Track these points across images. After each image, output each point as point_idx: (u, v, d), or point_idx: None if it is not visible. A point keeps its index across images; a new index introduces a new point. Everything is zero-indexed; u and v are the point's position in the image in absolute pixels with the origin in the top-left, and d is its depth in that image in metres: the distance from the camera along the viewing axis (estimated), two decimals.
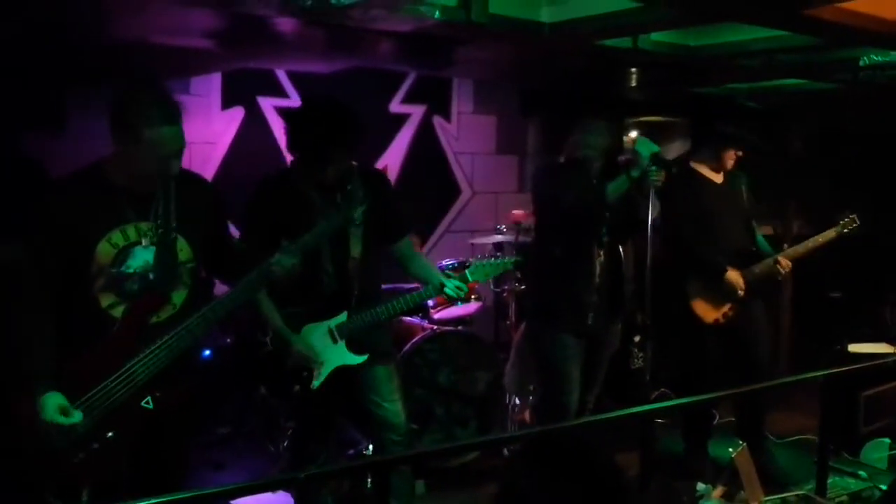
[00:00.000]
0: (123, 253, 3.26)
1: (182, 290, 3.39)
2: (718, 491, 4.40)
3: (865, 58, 5.81)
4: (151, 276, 3.30)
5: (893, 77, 6.31)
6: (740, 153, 5.35)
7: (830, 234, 5.44)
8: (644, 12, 4.38)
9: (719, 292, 5.27)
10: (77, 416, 3.09)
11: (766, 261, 5.38)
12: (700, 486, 4.52)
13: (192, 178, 3.56)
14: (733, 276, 5.22)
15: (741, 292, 5.22)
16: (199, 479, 5.19)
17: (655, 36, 5.17)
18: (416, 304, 4.15)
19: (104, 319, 3.25)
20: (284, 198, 4.02)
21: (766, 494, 4.42)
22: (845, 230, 5.44)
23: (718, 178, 5.40)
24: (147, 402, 3.25)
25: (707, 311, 5.30)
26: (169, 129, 3.16)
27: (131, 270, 3.27)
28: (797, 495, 4.48)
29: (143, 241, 3.29)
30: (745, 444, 4.39)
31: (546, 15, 4.77)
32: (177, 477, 3.54)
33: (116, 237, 3.25)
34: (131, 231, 3.27)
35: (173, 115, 3.18)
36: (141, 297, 3.29)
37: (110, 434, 3.19)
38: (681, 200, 5.28)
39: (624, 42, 5.08)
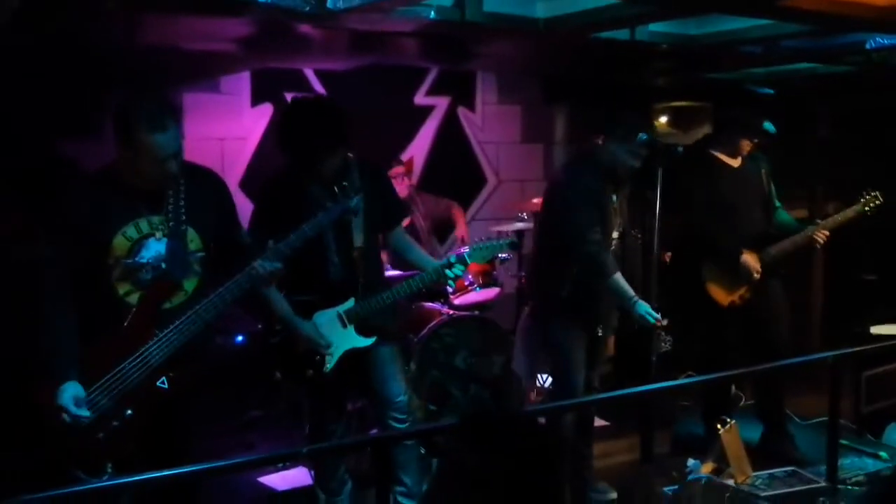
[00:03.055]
0: (137, 245, 3.52)
1: (193, 279, 3.64)
2: (708, 467, 4.52)
3: (871, 41, 5.84)
4: (163, 265, 3.55)
5: None
6: (755, 140, 5.38)
7: (850, 212, 5.43)
8: (630, 6, 4.51)
9: (734, 276, 5.32)
10: (84, 412, 3.35)
11: (791, 238, 5.40)
12: (690, 461, 4.64)
13: (202, 172, 3.80)
14: (749, 259, 5.27)
15: (756, 275, 5.27)
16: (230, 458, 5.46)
17: (654, 26, 5.28)
18: (418, 288, 4.32)
19: (121, 307, 3.52)
20: (286, 194, 4.23)
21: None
22: (867, 208, 5.42)
23: (735, 163, 5.43)
24: (162, 383, 3.50)
25: (723, 295, 5.37)
26: (161, 136, 3.39)
27: (145, 261, 3.53)
28: (785, 471, 4.61)
29: (157, 234, 3.55)
30: (733, 422, 4.52)
31: (541, 10, 4.92)
32: (184, 449, 3.74)
33: (130, 231, 3.52)
34: (144, 224, 3.54)
35: (164, 123, 3.41)
36: (154, 284, 3.55)
37: (129, 412, 3.45)
38: (695, 186, 5.35)
39: (622, 34, 5.19)
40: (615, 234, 4.85)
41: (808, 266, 8.14)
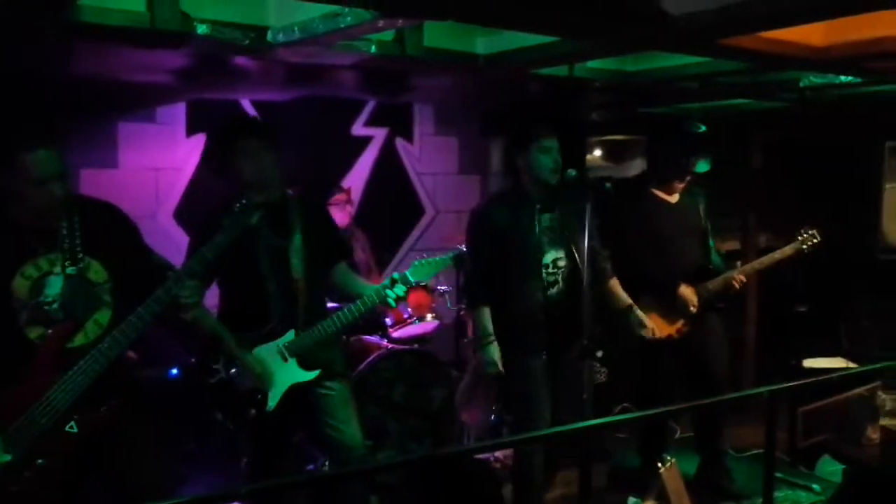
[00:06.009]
0: (39, 283, 3.40)
1: (105, 311, 3.52)
2: None
3: (806, 79, 5.97)
4: (68, 302, 3.43)
5: (839, 95, 6.48)
6: (688, 178, 5.41)
7: (788, 250, 5.46)
8: (569, 43, 4.54)
9: (672, 308, 5.33)
10: (5, 457, 3.25)
11: (722, 276, 5.42)
12: (631, 499, 4.64)
13: (95, 204, 3.70)
14: (685, 291, 5.29)
15: (693, 308, 5.29)
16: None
17: (592, 63, 5.32)
18: (360, 313, 4.15)
19: (34, 351, 3.39)
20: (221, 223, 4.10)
21: None
22: (804, 246, 5.45)
23: (672, 199, 5.47)
24: (71, 427, 3.37)
25: (661, 327, 5.33)
26: (44, 152, 3.32)
27: (50, 299, 3.41)
28: None
29: (55, 270, 3.43)
30: (673, 459, 4.52)
31: (481, 46, 4.93)
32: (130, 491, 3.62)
33: (29, 270, 3.40)
34: (43, 262, 3.42)
35: (46, 141, 3.36)
36: (55, 327, 3.42)
37: (40, 461, 3.32)
38: (632, 220, 5.38)
39: (560, 70, 5.23)
40: (555, 255, 4.77)
41: (742, 298, 8.23)
